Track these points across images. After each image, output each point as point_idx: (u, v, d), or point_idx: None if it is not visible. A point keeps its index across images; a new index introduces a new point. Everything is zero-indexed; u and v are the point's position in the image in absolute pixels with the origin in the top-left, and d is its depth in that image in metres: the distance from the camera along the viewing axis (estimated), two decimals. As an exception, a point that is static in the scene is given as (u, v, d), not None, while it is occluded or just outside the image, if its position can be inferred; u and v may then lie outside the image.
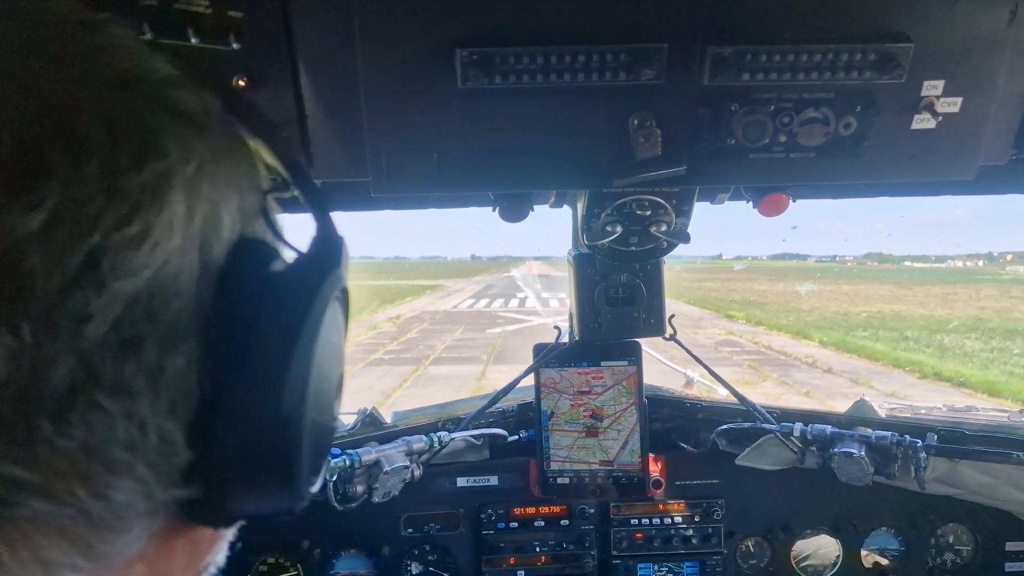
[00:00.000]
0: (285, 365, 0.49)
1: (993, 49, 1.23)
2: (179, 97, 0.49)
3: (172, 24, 1.14)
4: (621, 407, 2.20)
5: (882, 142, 1.30)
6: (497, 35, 1.16)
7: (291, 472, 0.52)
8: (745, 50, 1.18)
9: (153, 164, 0.44)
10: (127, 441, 0.44)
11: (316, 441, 0.55)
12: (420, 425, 2.22)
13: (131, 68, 0.48)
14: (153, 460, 0.46)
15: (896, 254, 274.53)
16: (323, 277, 0.53)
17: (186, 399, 0.47)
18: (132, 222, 0.42)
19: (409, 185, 1.29)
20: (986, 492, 2.09)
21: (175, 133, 0.47)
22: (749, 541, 2.38)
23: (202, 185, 0.47)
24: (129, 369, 0.43)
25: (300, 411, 0.51)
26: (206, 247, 0.47)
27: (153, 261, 0.43)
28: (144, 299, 0.43)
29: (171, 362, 0.45)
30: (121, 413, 0.43)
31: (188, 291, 0.46)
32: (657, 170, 1.28)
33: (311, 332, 0.51)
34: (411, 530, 2.31)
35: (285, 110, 1.28)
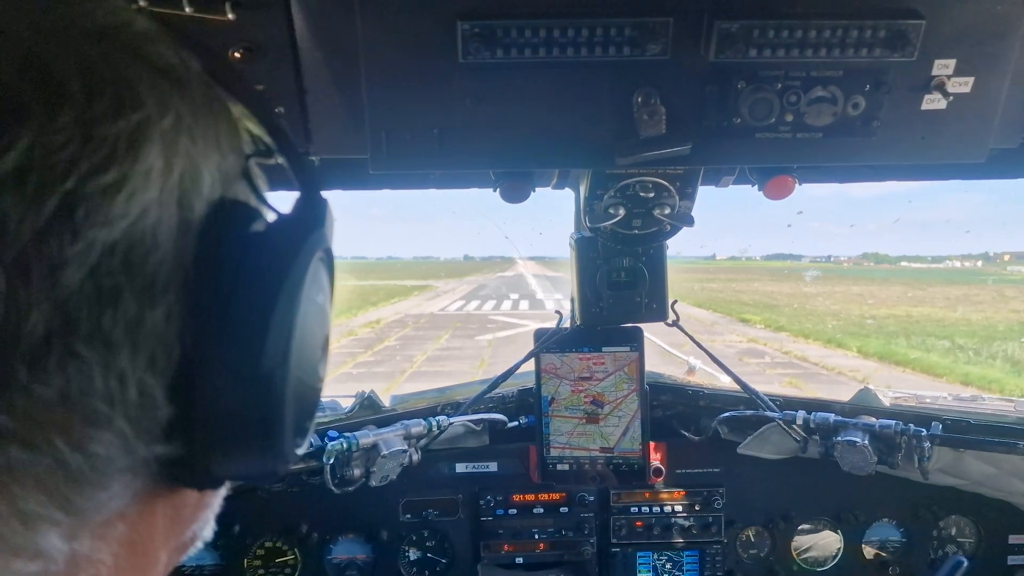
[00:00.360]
0: (267, 321, 0.49)
1: (1007, 28, 1.21)
2: (157, 51, 0.49)
3: None
4: (622, 393, 2.18)
5: (891, 122, 1.28)
6: (499, 8, 1.14)
7: (274, 431, 0.51)
8: (752, 25, 1.16)
9: (129, 114, 0.44)
10: (105, 393, 0.43)
11: (300, 401, 0.54)
12: (419, 409, 2.20)
13: (109, 20, 0.48)
14: (133, 414, 0.45)
15: (892, 254, 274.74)
16: (305, 235, 0.53)
17: (166, 354, 0.47)
18: (108, 170, 0.42)
19: (409, 162, 1.27)
20: (990, 483, 2.07)
21: (152, 86, 0.46)
22: (749, 531, 2.36)
23: (180, 139, 0.47)
24: (107, 319, 0.43)
25: (283, 369, 0.50)
26: (185, 202, 0.47)
27: (130, 211, 0.43)
28: (122, 249, 0.43)
29: (150, 315, 0.45)
30: (99, 363, 0.43)
31: (167, 245, 0.46)
32: (661, 149, 1.26)
33: (293, 289, 0.50)
34: (409, 515, 2.30)
35: (283, 84, 1.27)
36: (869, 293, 52.14)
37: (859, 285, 64.11)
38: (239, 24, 1.18)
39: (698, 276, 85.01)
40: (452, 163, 1.28)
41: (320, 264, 0.56)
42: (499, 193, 1.57)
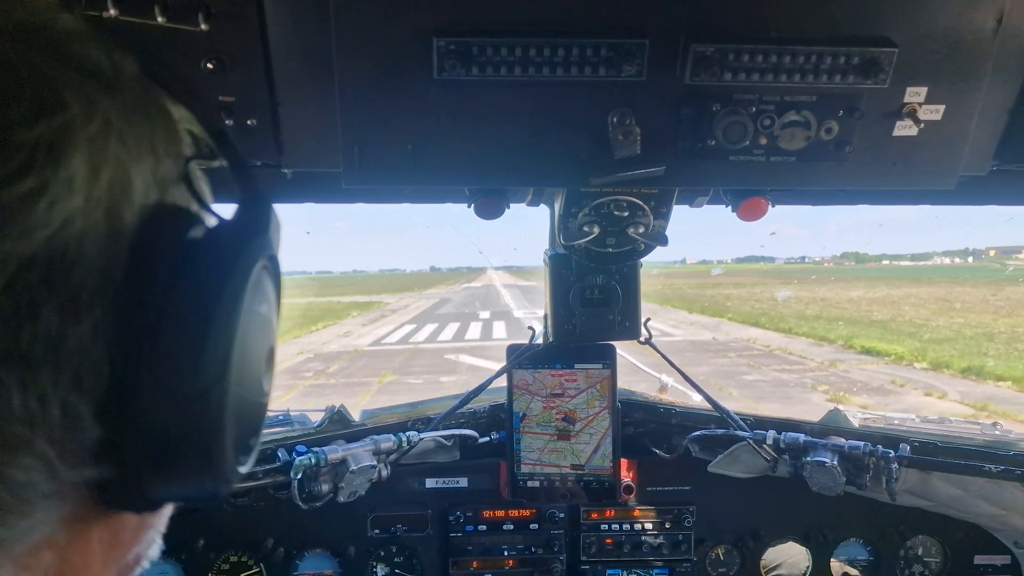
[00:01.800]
0: (203, 334, 0.47)
1: (977, 58, 1.22)
2: (84, 52, 0.47)
3: (138, 2, 1.10)
4: (594, 411, 2.17)
5: (864, 148, 1.29)
6: (476, 25, 1.13)
7: (213, 451, 0.49)
8: (728, 49, 1.16)
9: (49, 117, 0.41)
10: (24, 415, 0.41)
11: (242, 418, 0.52)
12: (389, 424, 2.18)
13: (28, 18, 0.45)
14: (56, 436, 0.43)
15: (872, 253, 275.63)
16: (246, 242, 0.51)
17: (94, 372, 0.44)
18: (25, 177, 0.40)
19: (382, 177, 1.26)
20: (957, 505, 2.09)
21: (77, 88, 0.44)
22: (719, 549, 2.36)
23: (108, 144, 0.45)
24: (25, 336, 0.40)
25: (222, 384, 0.48)
26: (114, 210, 0.45)
27: (50, 221, 0.41)
28: (41, 262, 0.40)
29: (74, 331, 0.43)
30: (17, 384, 0.40)
31: (93, 256, 0.43)
32: (636, 169, 1.26)
33: (231, 299, 0.48)
34: (378, 531, 2.27)
35: (256, 96, 1.25)
36: (901, 297, 47.01)
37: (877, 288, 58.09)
38: (212, 35, 1.17)
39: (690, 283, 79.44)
40: (426, 179, 1.27)
41: (264, 272, 0.54)
42: (473, 209, 1.56)
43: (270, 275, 0.56)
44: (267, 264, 0.54)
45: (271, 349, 0.60)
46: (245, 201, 0.54)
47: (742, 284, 72.64)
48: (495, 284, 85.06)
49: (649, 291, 57.81)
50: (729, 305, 44.05)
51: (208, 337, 0.47)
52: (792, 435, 2.07)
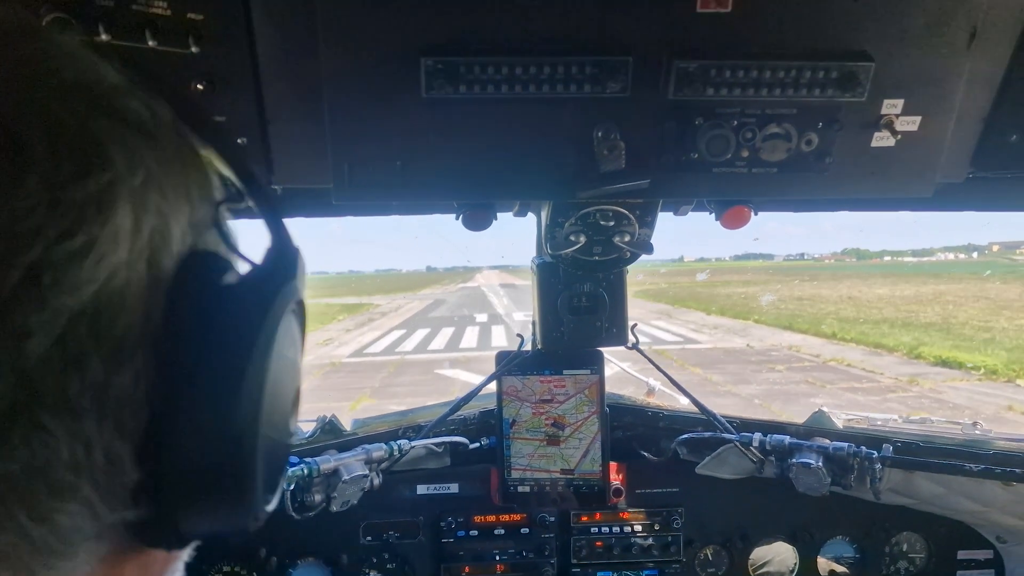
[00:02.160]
0: (237, 380, 0.48)
1: (952, 70, 1.26)
2: (126, 106, 0.47)
3: (129, 26, 1.12)
4: (583, 416, 2.20)
5: (843, 159, 1.31)
6: (462, 45, 1.16)
7: (245, 491, 0.51)
8: (710, 65, 1.19)
9: (98, 175, 0.42)
10: (71, 462, 0.42)
11: (271, 458, 0.54)
12: (380, 433, 2.19)
13: (75, 76, 0.46)
14: (100, 481, 0.44)
15: (872, 249, 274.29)
16: (277, 289, 0.52)
17: (134, 417, 0.46)
18: (75, 235, 0.40)
19: (372, 193, 1.28)
20: (939, 502, 2.13)
21: (121, 142, 0.45)
22: (708, 549, 2.39)
23: (150, 196, 0.46)
24: (73, 387, 0.41)
25: (254, 428, 0.50)
26: (155, 260, 0.46)
27: (98, 275, 0.41)
28: (89, 314, 0.41)
29: (118, 379, 0.44)
30: (65, 433, 0.41)
31: (136, 306, 0.44)
32: (621, 183, 1.28)
33: (264, 346, 0.50)
34: (370, 538, 2.28)
35: (246, 115, 1.26)
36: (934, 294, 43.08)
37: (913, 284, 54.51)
38: (202, 57, 1.18)
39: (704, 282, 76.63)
40: (415, 195, 1.29)
41: (292, 317, 0.55)
42: (461, 221, 1.57)
43: (297, 319, 0.58)
44: (295, 308, 0.55)
45: (297, 391, 0.61)
46: (275, 246, 0.55)
47: (752, 282, 69.49)
48: (491, 284, 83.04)
49: (657, 291, 54.44)
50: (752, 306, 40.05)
51: (242, 382, 0.48)
52: (778, 437, 2.10)
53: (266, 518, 0.56)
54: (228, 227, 0.57)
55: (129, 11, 1.12)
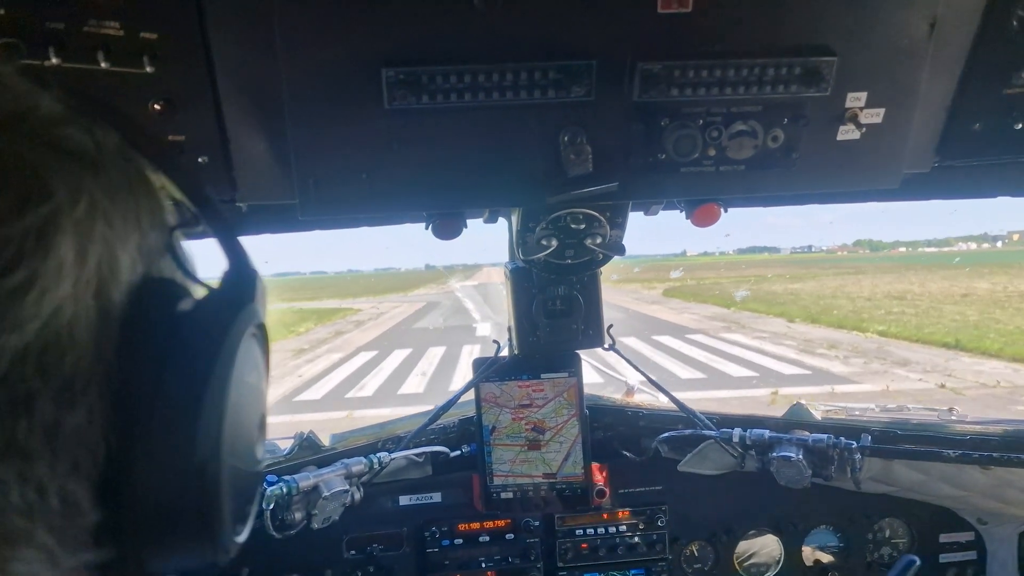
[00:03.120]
0: (196, 411, 0.47)
1: (913, 60, 1.26)
2: (65, 134, 0.46)
3: (80, 48, 1.10)
4: (563, 419, 2.19)
5: (810, 153, 1.32)
6: (424, 54, 1.14)
7: (211, 525, 0.50)
8: (674, 66, 1.18)
9: (36, 207, 0.41)
10: (23, 507, 0.41)
11: (238, 487, 0.52)
12: (359, 446, 2.18)
13: (11, 107, 0.45)
14: (56, 524, 0.43)
15: (886, 240, 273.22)
16: (235, 313, 0.51)
17: (90, 455, 0.44)
18: (15, 270, 0.39)
19: (338, 207, 1.26)
20: (919, 489, 2.14)
21: (62, 173, 0.44)
22: (693, 545, 2.40)
23: (95, 226, 0.44)
24: (20, 430, 0.40)
25: (216, 458, 0.48)
26: (103, 291, 0.45)
27: (41, 311, 0.40)
28: (34, 353, 0.40)
29: (70, 418, 0.43)
30: (15, 477, 0.40)
31: (85, 340, 0.43)
32: (590, 187, 1.28)
33: (223, 373, 0.48)
34: (354, 552, 2.26)
35: (206, 133, 1.25)
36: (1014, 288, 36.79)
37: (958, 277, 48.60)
38: (158, 77, 1.16)
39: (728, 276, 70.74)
40: (383, 206, 1.28)
41: (252, 341, 0.54)
42: (431, 230, 1.56)
43: (259, 343, 0.56)
44: (255, 332, 0.54)
45: (262, 417, 0.60)
46: (232, 268, 0.54)
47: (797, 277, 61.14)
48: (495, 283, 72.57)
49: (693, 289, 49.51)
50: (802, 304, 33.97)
51: (201, 413, 0.47)
52: (757, 431, 2.10)
53: (237, 549, 0.55)
54: (183, 252, 0.55)
55: (80, 33, 1.10)
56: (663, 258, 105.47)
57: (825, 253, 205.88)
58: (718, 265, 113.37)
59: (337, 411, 14.81)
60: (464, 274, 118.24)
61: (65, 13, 1.09)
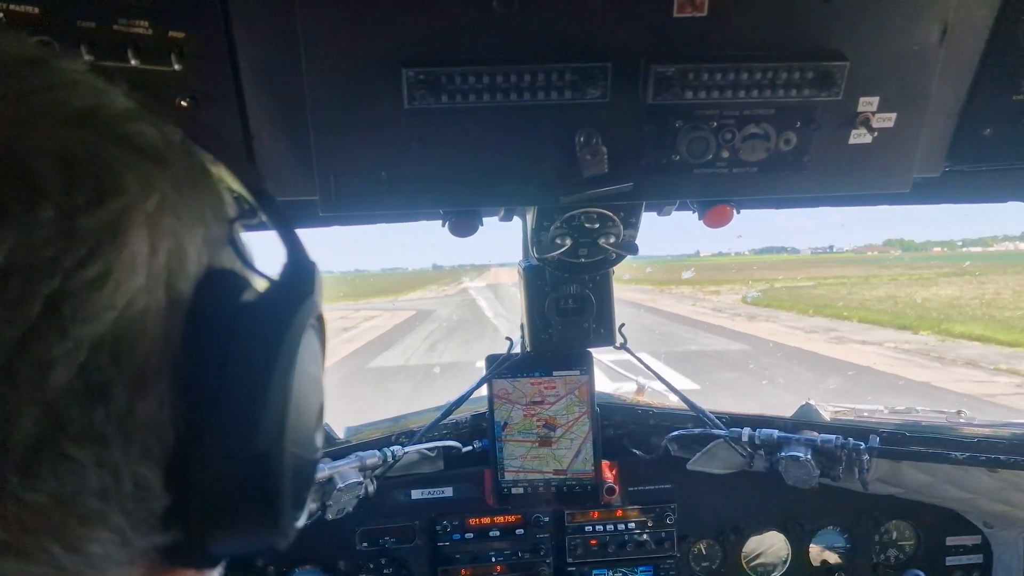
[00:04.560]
0: (262, 399, 0.48)
1: (925, 66, 1.28)
2: (137, 130, 0.48)
3: (111, 46, 1.13)
4: (574, 416, 2.21)
5: (821, 156, 1.33)
6: (443, 55, 1.17)
7: (274, 509, 0.51)
8: (688, 69, 1.20)
9: (111, 201, 0.42)
10: (100, 490, 0.43)
11: (298, 475, 0.54)
12: (373, 440, 2.21)
13: (84, 104, 0.46)
14: (129, 507, 0.44)
15: (918, 240, 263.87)
16: (297, 305, 0.53)
17: (160, 441, 0.46)
18: (92, 263, 0.41)
19: (357, 204, 1.29)
20: (927, 491, 2.16)
21: (134, 168, 0.45)
22: (701, 544, 2.41)
23: (164, 219, 0.46)
24: (98, 416, 0.42)
25: (280, 446, 0.50)
26: (172, 283, 0.46)
27: (116, 302, 0.42)
28: (110, 342, 0.42)
29: (142, 405, 0.44)
30: (92, 462, 0.42)
31: (155, 330, 0.45)
32: (604, 187, 1.30)
33: (287, 364, 0.50)
34: (366, 544, 2.29)
35: (230, 130, 1.27)
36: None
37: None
38: (185, 74, 1.18)
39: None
40: (401, 204, 1.30)
41: (312, 332, 0.55)
42: (447, 228, 1.59)
43: (317, 334, 0.58)
44: (315, 323, 0.56)
45: (321, 406, 0.61)
46: (292, 261, 0.56)
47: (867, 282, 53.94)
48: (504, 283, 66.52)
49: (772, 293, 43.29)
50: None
51: (266, 401, 0.49)
52: (766, 431, 2.12)
53: (296, 534, 0.56)
54: (243, 244, 0.57)
55: (111, 31, 1.12)
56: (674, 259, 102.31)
57: (853, 254, 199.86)
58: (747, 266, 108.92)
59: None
60: (471, 274, 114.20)
61: (96, 12, 1.11)
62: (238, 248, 0.56)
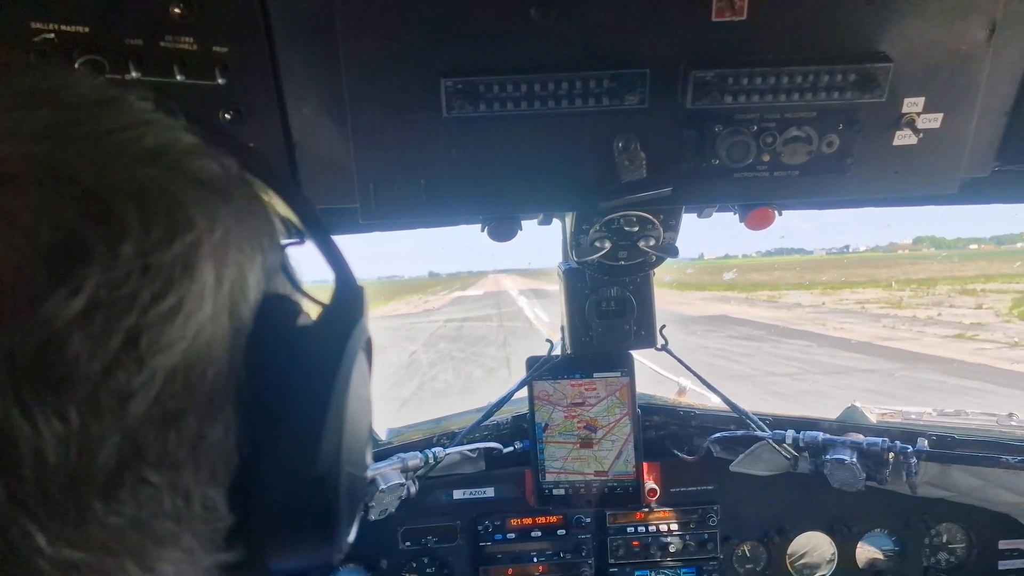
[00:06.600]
0: (320, 422, 0.50)
1: (972, 65, 1.24)
2: (201, 166, 0.49)
3: (158, 63, 1.15)
4: (615, 418, 2.21)
5: (865, 159, 1.31)
6: (481, 65, 1.17)
7: (330, 527, 0.53)
8: (727, 74, 1.19)
9: (183, 236, 0.44)
10: (173, 512, 0.45)
11: (352, 493, 0.56)
12: (415, 441, 2.23)
13: (156, 142, 0.48)
14: (198, 528, 0.47)
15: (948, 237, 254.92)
16: (350, 330, 0.54)
17: (226, 464, 0.48)
18: (166, 297, 0.42)
19: (397, 212, 1.30)
20: (977, 494, 2.11)
21: (200, 202, 0.47)
22: (745, 546, 2.39)
23: (229, 251, 0.48)
24: (172, 442, 0.44)
25: (337, 466, 0.52)
26: (235, 311, 0.48)
27: (187, 332, 0.44)
28: (182, 371, 0.43)
29: (210, 430, 0.46)
30: (167, 486, 0.44)
31: (221, 358, 0.46)
32: (643, 191, 1.28)
33: (343, 387, 0.52)
34: (409, 543, 2.32)
35: (272, 141, 1.29)
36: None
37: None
38: (228, 88, 1.21)
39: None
40: (440, 211, 1.31)
41: (363, 355, 0.57)
42: (487, 233, 1.59)
43: (367, 356, 0.59)
44: (364, 347, 0.57)
45: (370, 424, 0.63)
46: (341, 286, 0.57)
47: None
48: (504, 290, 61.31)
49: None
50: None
51: (325, 424, 0.50)
52: (811, 434, 2.09)
53: (349, 548, 0.58)
54: (294, 270, 0.59)
55: (158, 48, 1.15)
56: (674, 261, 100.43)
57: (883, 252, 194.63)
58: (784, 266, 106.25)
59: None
60: (464, 282, 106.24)
61: (143, 30, 1.14)
62: (290, 274, 0.58)
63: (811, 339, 24.83)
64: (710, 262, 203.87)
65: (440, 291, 79.10)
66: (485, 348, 26.38)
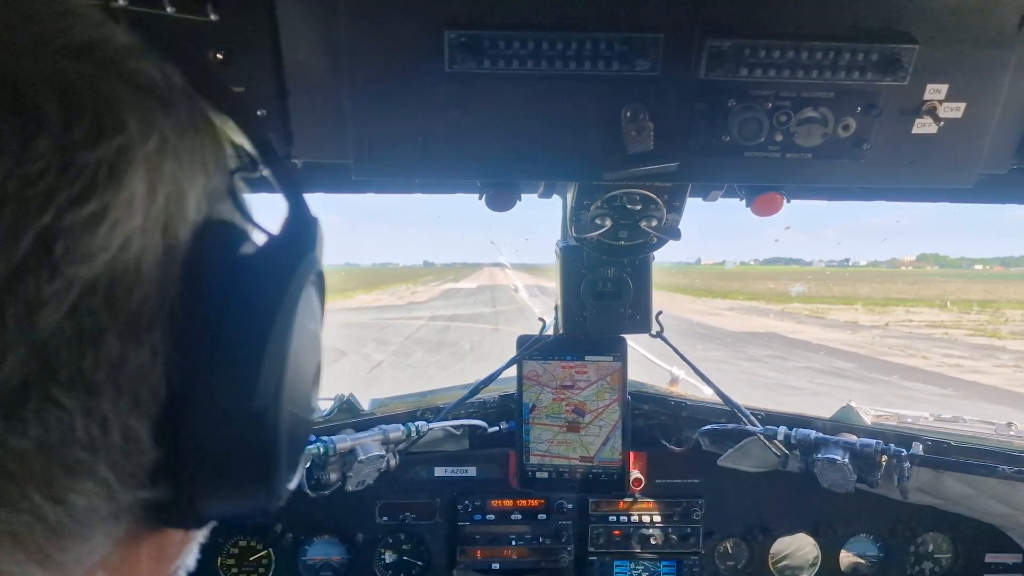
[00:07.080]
0: (259, 355, 0.47)
1: (1000, 55, 1.21)
2: (139, 68, 0.46)
3: None
4: (604, 403, 2.17)
5: (881, 145, 1.28)
6: (487, 18, 1.13)
7: (267, 470, 0.49)
8: (744, 43, 1.15)
9: (110, 138, 0.41)
10: (87, 440, 0.41)
11: (293, 436, 0.52)
12: (398, 414, 2.18)
13: (87, 36, 0.44)
14: (116, 460, 0.43)
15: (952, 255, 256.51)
16: (297, 260, 0.50)
17: (152, 394, 0.44)
18: (88, 201, 0.39)
19: (392, 169, 1.26)
20: (968, 504, 2.07)
21: (134, 106, 0.43)
22: (727, 542, 2.36)
23: (165, 162, 0.44)
24: (88, 362, 0.40)
25: (275, 404, 0.48)
26: (170, 229, 0.44)
27: (111, 243, 0.40)
28: (103, 285, 0.40)
29: (134, 354, 0.42)
30: (80, 410, 0.40)
31: (151, 277, 0.43)
32: (649, 165, 1.25)
33: (286, 319, 0.48)
34: (386, 518, 2.28)
35: (264, 87, 1.25)
36: None
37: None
38: (221, 25, 1.16)
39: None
40: (436, 171, 1.28)
41: (312, 288, 0.54)
42: (484, 201, 1.55)
43: (317, 291, 0.56)
44: (315, 280, 0.54)
45: (318, 365, 0.60)
46: (293, 216, 0.54)
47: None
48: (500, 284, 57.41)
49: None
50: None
51: (264, 357, 0.47)
52: (803, 431, 2.05)
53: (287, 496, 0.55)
54: (243, 197, 0.55)
55: None
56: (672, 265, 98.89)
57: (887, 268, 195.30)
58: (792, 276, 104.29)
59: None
60: (456, 274, 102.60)
61: None
62: (238, 200, 0.54)
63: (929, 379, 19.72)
64: (707, 268, 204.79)
65: (431, 281, 76.12)
66: (473, 365, 19.65)
